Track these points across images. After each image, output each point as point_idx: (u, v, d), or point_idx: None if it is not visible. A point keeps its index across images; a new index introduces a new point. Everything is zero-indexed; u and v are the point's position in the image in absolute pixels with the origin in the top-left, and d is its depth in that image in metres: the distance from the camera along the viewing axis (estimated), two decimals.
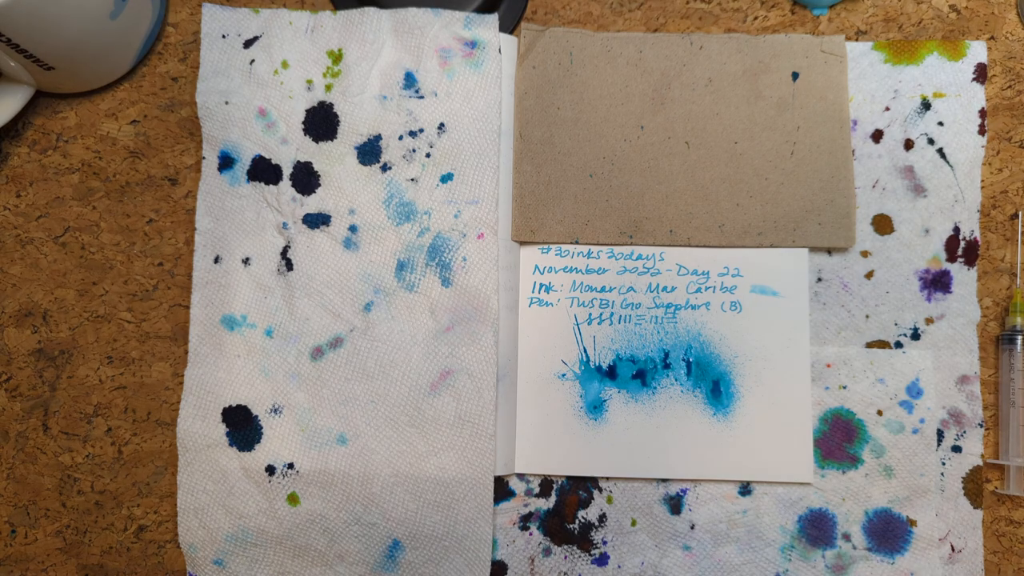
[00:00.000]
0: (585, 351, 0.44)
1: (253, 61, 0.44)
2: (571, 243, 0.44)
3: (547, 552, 0.43)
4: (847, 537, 0.43)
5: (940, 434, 0.43)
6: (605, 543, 0.43)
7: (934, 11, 0.46)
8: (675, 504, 0.43)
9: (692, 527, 0.43)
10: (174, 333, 0.45)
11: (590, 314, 0.44)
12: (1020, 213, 0.44)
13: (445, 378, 0.43)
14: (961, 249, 0.44)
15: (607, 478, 0.43)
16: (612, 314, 0.44)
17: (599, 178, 0.44)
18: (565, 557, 0.43)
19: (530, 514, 0.43)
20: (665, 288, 0.44)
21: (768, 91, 0.44)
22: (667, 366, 0.44)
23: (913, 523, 0.42)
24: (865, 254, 0.44)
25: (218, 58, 0.45)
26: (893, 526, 0.43)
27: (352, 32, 0.44)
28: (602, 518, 0.43)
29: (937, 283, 0.44)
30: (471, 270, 0.43)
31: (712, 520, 0.43)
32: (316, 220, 0.44)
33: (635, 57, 0.45)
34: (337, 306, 0.43)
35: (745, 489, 0.43)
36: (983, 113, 0.44)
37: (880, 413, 0.43)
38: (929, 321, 0.44)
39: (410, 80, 0.44)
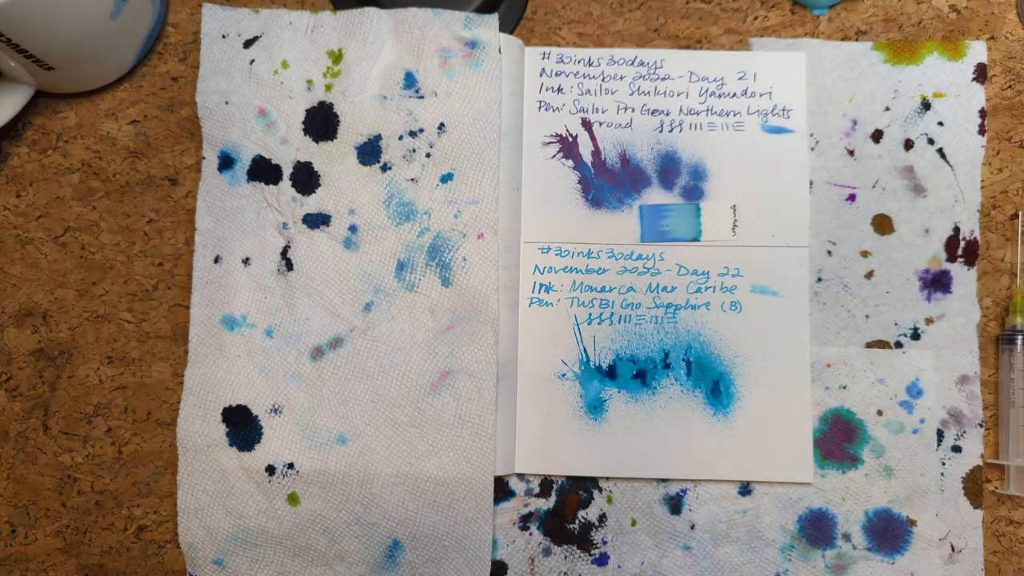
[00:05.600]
0: (585, 351, 0.44)
1: (253, 61, 0.44)
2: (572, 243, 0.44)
3: (547, 552, 0.43)
4: (847, 537, 0.43)
5: (940, 434, 0.43)
6: (605, 543, 0.43)
7: (934, 11, 0.46)
8: (675, 504, 0.43)
9: (692, 527, 0.43)
10: (174, 333, 0.45)
11: (590, 314, 0.44)
12: (1020, 213, 0.44)
13: (445, 378, 0.43)
14: (961, 249, 0.44)
15: (607, 478, 0.43)
16: (612, 314, 0.44)
17: None
18: (565, 557, 0.43)
19: (530, 514, 0.43)
20: (665, 288, 0.44)
21: None
22: (667, 366, 0.44)
23: (913, 523, 0.42)
24: (865, 254, 0.44)
25: (218, 58, 0.45)
26: (893, 526, 0.43)
27: (352, 32, 0.44)
28: (602, 518, 0.43)
29: (937, 283, 0.44)
30: (471, 270, 0.43)
31: (712, 520, 0.43)
32: (316, 220, 0.44)
33: None
34: (337, 306, 0.43)
35: (745, 489, 0.43)
36: (983, 113, 0.44)
37: (880, 413, 0.43)
38: (929, 321, 0.44)
39: (410, 80, 0.44)
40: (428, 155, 0.44)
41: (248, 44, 0.45)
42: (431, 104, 0.44)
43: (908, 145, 0.44)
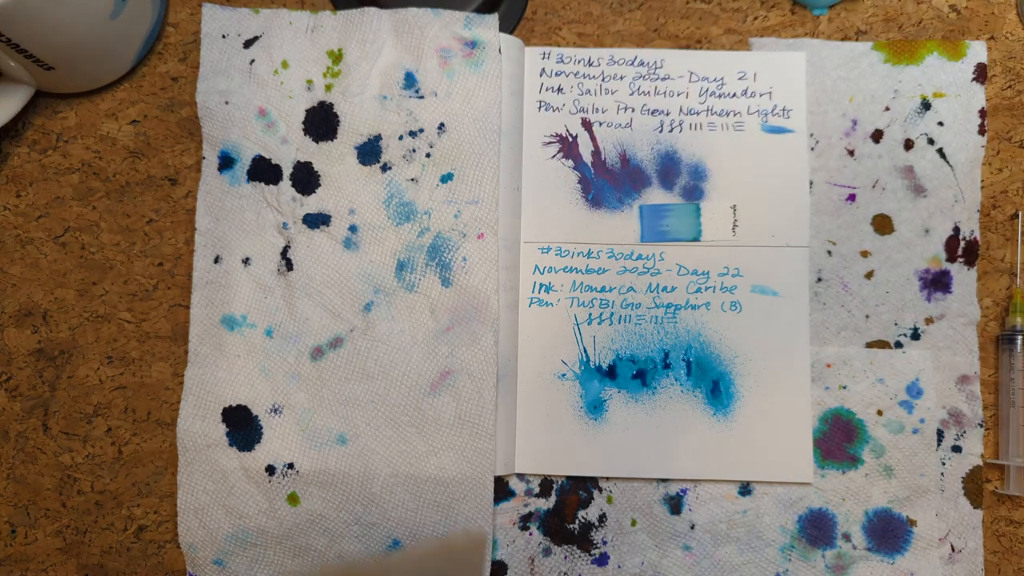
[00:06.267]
0: (585, 351, 0.44)
1: (253, 61, 0.44)
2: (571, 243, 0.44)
3: (547, 552, 0.43)
4: (847, 537, 0.43)
5: (940, 434, 0.43)
6: (605, 543, 0.43)
7: (934, 11, 0.46)
8: (675, 504, 0.43)
9: (692, 527, 0.43)
10: (174, 333, 0.45)
11: (590, 314, 0.44)
12: (1020, 213, 0.44)
13: (445, 378, 0.43)
14: (961, 249, 0.44)
15: (607, 478, 0.43)
16: (612, 314, 0.44)
17: None
18: (565, 557, 0.43)
19: (530, 514, 0.43)
20: (665, 288, 0.44)
21: None
22: (667, 366, 0.44)
23: (913, 523, 0.43)
24: (865, 254, 0.44)
25: (218, 58, 0.45)
26: (893, 526, 0.43)
27: (352, 32, 0.44)
28: (602, 518, 0.43)
29: (937, 283, 0.44)
30: (471, 270, 0.43)
31: (712, 520, 0.43)
32: (316, 220, 0.44)
33: None
34: (337, 306, 0.43)
35: (745, 489, 0.43)
36: (983, 113, 0.44)
37: (880, 413, 0.43)
38: (929, 321, 0.44)
39: (410, 80, 0.44)
40: (428, 155, 0.44)
41: (248, 44, 0.45)
42: (431, 104, 0.44)
43: (908, 145, 0.44)
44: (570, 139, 0.45)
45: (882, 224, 0.44)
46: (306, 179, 0.44)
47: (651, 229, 0.44)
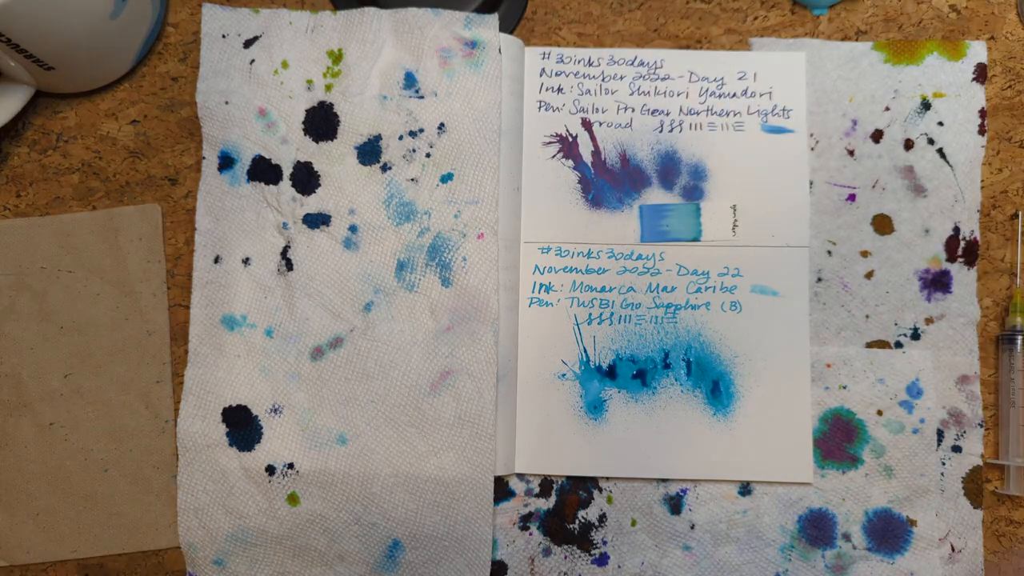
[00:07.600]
0: (585, 351, 0.44)
1: (253, 61, 0.44)
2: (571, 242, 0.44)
3: (547, 552, 0.43)
4: (847, 537, 0.43)
5: (940, 434, 0.43)
6: (605, 543, 0.43)
7: (934, 11, 0.46)
8: (675, 504, 0.43)
9: (692, 527, 0.43)
10: (174, 333, 0.45)
11: (590, 314, 0.44)
12: (1020, 213, 0.44)
13: (445, 378, 0.43)
14: (961, 249, 0.44)
15: (607, 478, 0.43)
16: (612, 314, 0.44)
17: None
18: (565, 557, 0.43)
19: (530, 514, 0.43)
20: (665, 288, 0.44)
21: None
22: (667, 366, 0.44)
23: (913, 523, 0.43)
24: (865, 254, 0.44)
25: (218, 58, 0.45)
26: (893, 526, 0.43)
27: (352, 32, 0.44)
28: (602, 518, 0.43)
29: (937, 283, 0.44)
30: (471, 270, 0.43)
31: (712, 520, 0.43)
32: (316, 220, 0.44)
33: None
34: (337, 306, 0.43)
35: (745, 489, 0.43)
36: (983, 113, 0.44)
37: (880, 413, 0.43)
38: (929, 321, 0.44)
39: (410, 80, 0.44)
40: (428, 155, 0.44)
41: (248, 44, 0.45)
42: (431, 104, 0.44)
43: (908, 145, 0.44)
44: (570, 139, 0.45)
45: (882, 224, 0.44)
46: (306, 179, 0.44)
47: (651, 229, 0.44)
